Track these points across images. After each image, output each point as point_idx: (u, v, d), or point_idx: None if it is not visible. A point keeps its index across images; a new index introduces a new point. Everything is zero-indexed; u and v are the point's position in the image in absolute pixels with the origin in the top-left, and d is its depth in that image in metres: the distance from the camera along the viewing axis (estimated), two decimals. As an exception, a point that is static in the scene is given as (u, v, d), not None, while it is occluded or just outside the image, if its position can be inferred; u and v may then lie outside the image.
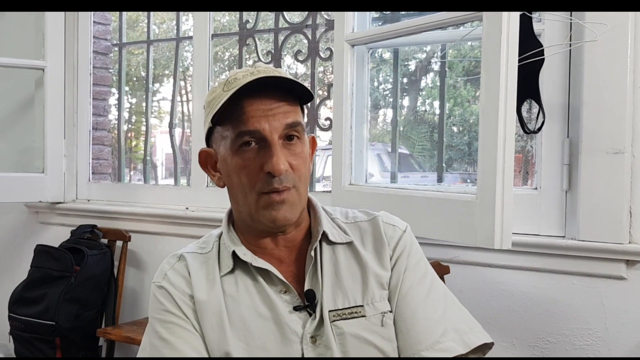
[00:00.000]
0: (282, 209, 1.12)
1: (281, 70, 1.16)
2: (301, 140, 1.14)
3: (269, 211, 1.12)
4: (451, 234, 1.73)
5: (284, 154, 1.10)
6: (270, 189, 1.10)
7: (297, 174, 1.13)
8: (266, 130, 1.09)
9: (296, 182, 1.12)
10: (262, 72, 1.12)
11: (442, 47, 2.46)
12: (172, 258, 1.22)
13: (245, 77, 1.11)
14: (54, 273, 2.73)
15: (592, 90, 1.87)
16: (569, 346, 1.95)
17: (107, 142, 3.38)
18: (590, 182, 1.88)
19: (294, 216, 1.14)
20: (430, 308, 1.17)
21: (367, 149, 2.23)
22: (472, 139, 4.02)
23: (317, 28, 2.65)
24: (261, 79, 1.09)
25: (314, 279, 1.16)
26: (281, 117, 1.10)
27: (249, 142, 1.11)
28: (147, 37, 3.24)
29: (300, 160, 1.13)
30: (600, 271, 1.89)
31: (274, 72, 1.12)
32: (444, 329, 1.15)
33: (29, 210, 3.28)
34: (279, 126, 1.10)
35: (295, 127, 1.12)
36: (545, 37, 1.95)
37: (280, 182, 1.10)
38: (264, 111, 1.10)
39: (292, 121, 1.11)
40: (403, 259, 1.20)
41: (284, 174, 1.10)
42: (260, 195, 1.12)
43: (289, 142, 1.12)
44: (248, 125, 1.10)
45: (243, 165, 1.12)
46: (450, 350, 1.13)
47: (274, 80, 1.10)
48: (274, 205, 1.11)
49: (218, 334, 1.12)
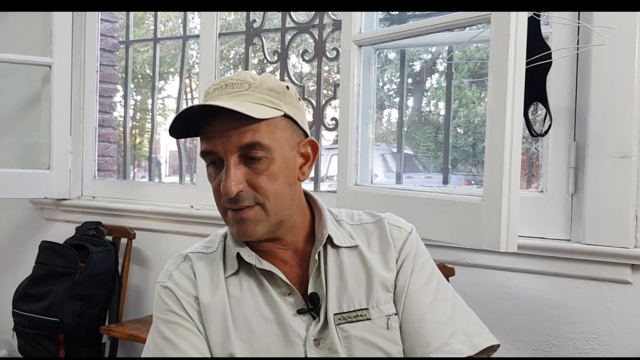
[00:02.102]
0: (243, 226, 1.12)
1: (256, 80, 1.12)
2: (269, 157, 1.10)
3: (233, 226, 1.14)
4: (457, 236, 1.73)
5: (241, 174, 1.09)
6: (229, 206, 1.12)
7: (261, 192, 1.10)
8: (220, 151, 1.09)
9: (259, 199, 1.10)
10: (229, 87, 1.11)
11: (449, 49, 2.46)
12: (177, 258, 1.23)
13: (216, 91, 1.12)
14: (58, 269, 2.74)
15: (600, 93, 1.86)
16: (573, 350, 1.95)
17: (112, 140, 3.38)
18: (597, 185, 1.88)
19: (258, 232, 1.13)
20: (437, 310, 1.17)
21: (372, 149, 2.23)
22: (477, 140, 4.02)
23: (324, 28, 2.65)
24: (210, 106, 1.07)
25: (317, 282, 1.16)
26: (235, 138, 1.08)
27: (212, 161, 1.12)
28: (153, 35, 3.24)
29: (265, 178, 1.10)
30: (606, 275, 1.89)
31: (237, 87, 1.11)
32: (452, 330, 1.15)
33: (34, 206, 3.29)
34: (233, 148, 1.08)
35: (252, 149, 1.08)
36: (553, 40, 1.95)
37: (236, 202, 1.10)
38: (219, 132, 1.09)
39: (248, 142, 1.08)
40: (409, 261, 1.20)
41: (239, 194, 1.09)
42: (225, 210, 1.14)
43: (252, 161, 1.10)
44: (206, 145, 1.11)
45: (211, 180, 1.14)
46: (458, 352, 1.13)
47: (222, 108, 1.06)
48: (235, 221, 1.12)
49: (222, 336, 1.12)
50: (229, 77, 1.14)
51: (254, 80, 1.12)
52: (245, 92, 1.10)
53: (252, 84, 1.11)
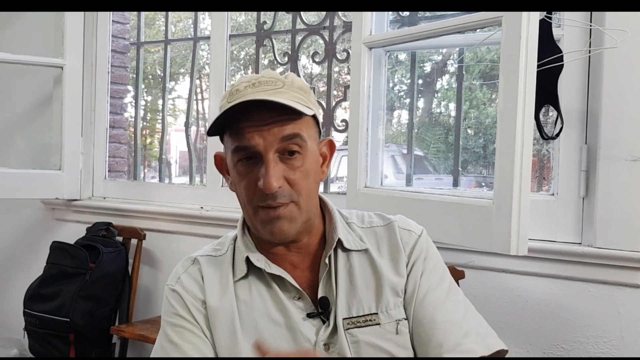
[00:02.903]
0: (279, 224, 1.11)
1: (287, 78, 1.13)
2: (303, 153, 1.11)
3: (266, 225, 1.12)
4: (467, 238, 1.72)
5: (280, 170, 1.09)
6: (264, 204, 1.10)
7: (296, 188, 1.10)
8: (260, 146, 1.08)
9: (294, 196, 1.10)
10: (263, 85, 1.10)
11: (459, 50, 2.45)
12: (186, 261, 1.23)
13: (247, 89, 1.10)
14: (69, 270, 2.75)
15: (611, 96, 1.85)
16: (583, 354, 1.93)
17: (123, 140, 3.40)
18: (608, 189, 1.87)
19: (293, 230, 1.13)
20: (449, 310, 1.16)
21: (382, 150, 2.23)
22: (488, 142, 3.99)
23: (334, 29, 2.65)
24: (254, 101, 1.07)
25: (328, 286, 1.16)
26: (277, 131, 1.08)
27: (247, 157, 1.10)
28: (164, 36, 3.26)
29: (300, 175, 1.11)
30: (617, 279, 1.88)
31: (278, 86, 1.10)
32: (466, 330, 1.14)
33: (45, 206, 3.30)
34: (274, 141, 1.08)
35: (293, 140, 1.09)
36: (564, 42, 1.94)
37: (274, 198, 1.08)
38: (258, 127, 1.07)
39: (290, 133, 1.08)
40: (419, 264, 1.20)
41: (279, 191, 1.08)
42: (257, 209, 1.12)
43: (289, 157, 1.10)
44: (243, 141, 1.08)
45: (241, 178, 1.12)
46: (472, 352, 1.12)
47: (267, 101, 1.07)
48: (270, 220, 1.11)
49: (230, 340, 1.12)
50: (260, 75, 1.13)
51: (285, 79, 1.13)
52: (281, 89, 1.10)
53: (286, 82, 1.12)
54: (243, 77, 1.14)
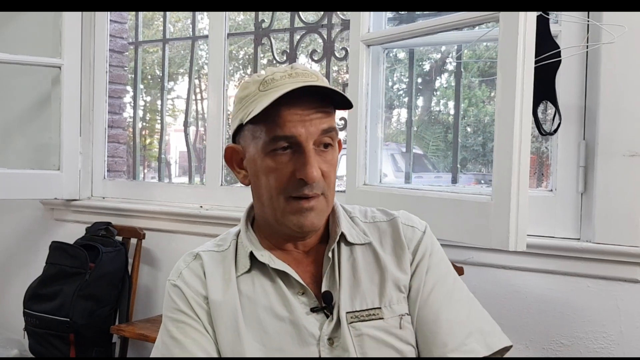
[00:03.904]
0: (310, 216, 1.11)
1: (317, 73, 1.14)
2: (334, 147, 1.14)
3: (296, 217, 1.11)
4: (465, 235, 1.72)
5: (316, 161, 1.09)
6: (299, 194, 1.10)
7: (327, 181, 1.12)
8: (302, 136, 1.08)
9: (325, 189, 1.12)
10: (300, 76, 1.10)
11: (457, 48, 2.45)
12: (188, 256, 1.22)
13: (284, 78, 1.10)
14: (68, 270, 2.75)
15: (609, 92, 1.86)
16: (583, 349, 1.94)
17: (122, 140, 3.40)
18: (606, 184, 1.87)
19: (320, 223, 1.14)
20: (453, 310, 1.17)
21: (381, 149, 2.23)
22: (487, 140, 4.00)
23: (333, 28, 2.65)
24: (308, 87, 1.07)
25: (331, 281, 1.16)
26: (317, 122, 1.09)
27: (283, 147, 1.10)
28: (162, 36, 3.25)
29: (331, 168, 1.13)
30: (616, 274, 1.88)
31: (313, 78, 1.11)
32: (469, 330, 1.15)
33: (45, 207, 3.30)
34: (315, 132, 1.09)
35: (330, 133, 1.11)
36: (562, 38, 1.94)
37: (312, 189, 1.09)
38: (301, 116, 1.08)
39: (328, 127, 1.10)
40: (425, 262, 1.20)
41: (316, 182, 1.09)
42: (288, 200, 1.11)
43: (323, 150, 1.11)
44: (284, 130, 1.08)
45: (274, 168, 1.11)
46: (475, 352, 1.13)
47: (321, 87, 1.09)
48: (302, 211, 1.11)
49: (232, 335, 1.12)
50: (293, 67, 1.13)
51: (316, 72, 1.14)
52: (317, 82, 1.10)
53: (319, 76, 1.13)
54: (273, 69, 1.14)
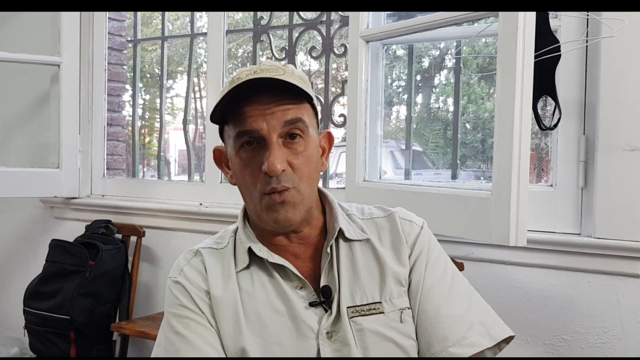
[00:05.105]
0: (283, 210, 1.11)
1: (288, 67, 1.15)
2: (305, 139, 1.13)
3: (270, 212, 1.12)
4: (466, 230, 1.72)
5: (283, 153, 1.09)
6: (269, 189, 1.10)
7: (298, 173, 1.11)
8: (264, 129, 1.09)
9: (296, 182, 1.11)
10: (265, 72, 1.11)
11: (457, 44, 2.45)
12: (188, 253, 1.23)
13: (248, 76, 1.10)
14: (68, 268, 2.75)
15: (609, 86, 1.85)
16: (584, 344, 1.94)
17: (121, 138, 3.40)
18: (607, 179, 1.87)
19: (296, 217, 1.13)
20: (454, 304, 1.17)
21: (381, 145, 2.23)
22: (486, 136, 3.99)
23: (332, 24, 2.65)
24: (259, 80, 1.09)
25: (330, 276, 1.16)
26: (280, 115, 1.09)
27: (249, 142, 1.11)
28: (161, 34, 3.25)
29: (302, 160, 1.12)
30: (616, 269, 1.88)
31: (279, 72, 1.11)
32: (470, 323, 1.15)
33: (44, 205, 3.30)
34: (277, 124, 1.09)
35: (296, 124, 1.11)
36: (561, 33, 1.93)
37: (279, 181, 1.09)
38: (262, 110, 1.09)
39: (292, 118, 1.10)
40: (423, 257, 1.20)
41: (282, 174, 1.09)
42: (262, 196, 1.12)
43: (291, 141, 1.11)
44: (246, 125, 1.09)
45: (245, 165, 1.12)
46: (477, 345, 1.12)
47: (274, 79, 1.09)
48: (274, 206, 1.11)
49: (233, 329, 1.12)
50: (259, 66, 1.14)
51: (286, 67, 1.14)
52: (282, 76, 1.11)
53: (286, 70, 1.13)
54: (242, 69, 1.15)
